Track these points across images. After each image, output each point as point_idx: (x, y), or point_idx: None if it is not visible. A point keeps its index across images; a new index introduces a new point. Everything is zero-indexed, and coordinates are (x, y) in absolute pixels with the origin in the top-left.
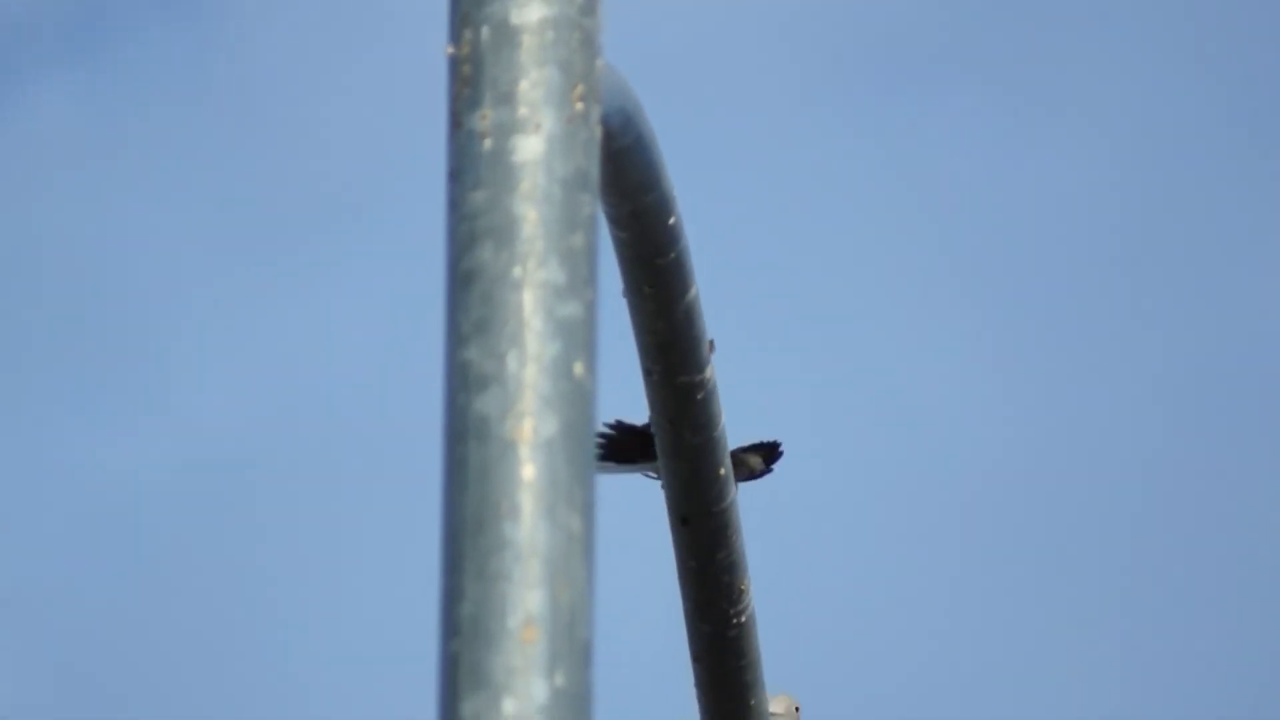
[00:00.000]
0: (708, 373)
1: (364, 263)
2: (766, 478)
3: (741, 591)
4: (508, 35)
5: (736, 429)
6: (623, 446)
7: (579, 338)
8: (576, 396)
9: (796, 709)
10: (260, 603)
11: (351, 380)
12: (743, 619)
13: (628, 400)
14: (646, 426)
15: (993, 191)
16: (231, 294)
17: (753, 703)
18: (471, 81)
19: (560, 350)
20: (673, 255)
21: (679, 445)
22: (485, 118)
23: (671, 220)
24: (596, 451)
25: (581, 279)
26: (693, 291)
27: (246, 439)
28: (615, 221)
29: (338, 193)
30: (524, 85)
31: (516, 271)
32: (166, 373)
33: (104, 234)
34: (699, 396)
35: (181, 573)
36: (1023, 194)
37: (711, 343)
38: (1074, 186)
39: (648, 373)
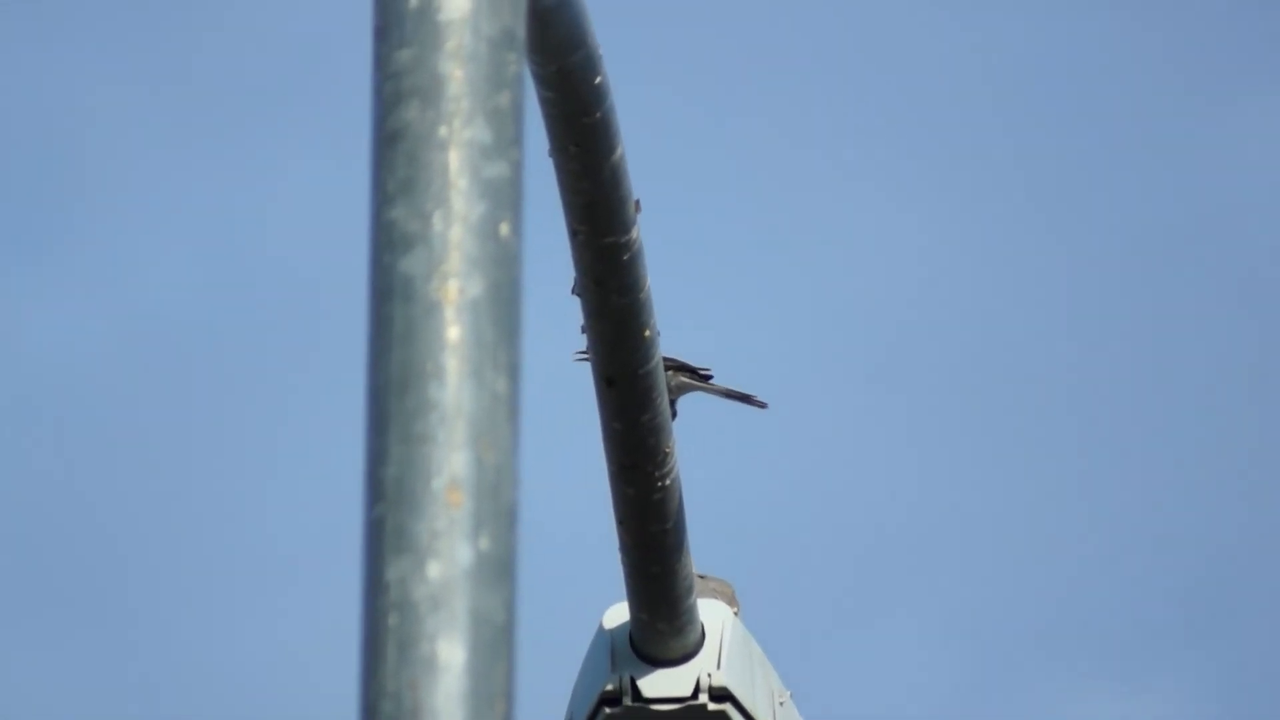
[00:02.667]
0: (634, 233)
1: (301, 127)
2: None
3: (666, 454)
4: None
5: (662, 293)
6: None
7: (505, 197)
8: (503, 257)
9: (734, 595)
10: (197, 474)
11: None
12: (667, 482)
13: (555, 261)
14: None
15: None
16: (166, 163)
17: (677, 567)
18: None
19: (486, 210)
20: (599, 114)
21: (605, 306)
22: None
23: (598, 79)
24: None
25: (508, 138)
26: (619, 151)
27: (182, 307)
28: (541, 80)
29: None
30: None
31: (442, 131)
32: (103, 243)
33: (51, 106)
34: (625, 257)
35: (118, 444)
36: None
37: (638, 203)
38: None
39: (574, 233)
